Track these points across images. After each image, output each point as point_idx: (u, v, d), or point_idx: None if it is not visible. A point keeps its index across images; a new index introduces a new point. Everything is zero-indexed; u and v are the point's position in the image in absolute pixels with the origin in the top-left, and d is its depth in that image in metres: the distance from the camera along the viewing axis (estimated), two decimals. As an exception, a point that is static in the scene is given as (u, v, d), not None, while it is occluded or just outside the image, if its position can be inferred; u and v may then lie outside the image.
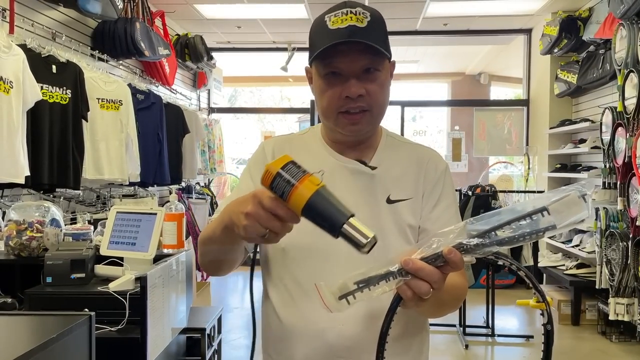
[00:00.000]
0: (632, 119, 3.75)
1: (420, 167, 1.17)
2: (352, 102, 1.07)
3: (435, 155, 1.21)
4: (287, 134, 1.28)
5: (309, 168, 1.15)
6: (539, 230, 0.79)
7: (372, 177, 1.14)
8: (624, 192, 3.86)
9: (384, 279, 0.84)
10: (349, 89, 1.06)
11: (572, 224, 0.79)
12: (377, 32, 1.07)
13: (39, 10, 3.41)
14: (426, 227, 1.13)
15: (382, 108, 1.13)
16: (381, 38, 1.07)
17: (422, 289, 0.83)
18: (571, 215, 0.78)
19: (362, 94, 1.07)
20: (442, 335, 4.41)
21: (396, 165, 1.16)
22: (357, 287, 0.84)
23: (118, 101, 3.74)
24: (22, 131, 2.78)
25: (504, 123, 6.57)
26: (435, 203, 1.15)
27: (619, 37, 3.95)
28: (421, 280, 0.83)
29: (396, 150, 1.19)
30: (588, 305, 4.68)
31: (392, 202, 1.13)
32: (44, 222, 2.26)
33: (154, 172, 4.39)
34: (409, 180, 1.15)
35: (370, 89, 1.07)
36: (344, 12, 1.06)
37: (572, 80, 5.14)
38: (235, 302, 5.70)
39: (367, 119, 1.10)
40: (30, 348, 1.02)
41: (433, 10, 5.61)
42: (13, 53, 2.74)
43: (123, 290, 1.90)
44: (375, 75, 1.08)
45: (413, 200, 1.14)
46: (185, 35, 5.73)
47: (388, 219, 1.12)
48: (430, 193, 1.15)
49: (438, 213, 1.14)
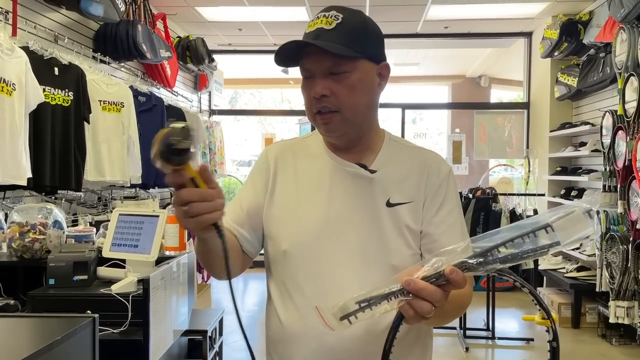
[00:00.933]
0: (633, 122, 3.76)
1: (423, 170, 1.16)
2: (318, 102, 1.09)
3: (439, 159, 1.20)
4: (289, 138, 1.29)
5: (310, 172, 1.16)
6: (543, 247, 0.79)
7: (371, 180, 1.14)
8: (624, 195, 3.87)
9: (386, 299, 0.84)
10: (313, 89, 1.08)
11: (578, 241, 0.78)
12: (343, 34, 1.06)
13: (42, 12, 3.42)
14: (429, 232, 1.13)
15: (355, 110, 1.10)
16: (349, 39, 1.06)
17: (424, 309, 0.83)
18: (576, 232, 0.77)
19: (327, 94, 1.08)
20: (443, 338, 4.41)
21: (397, 169, 1.16)
22: (359, 307, 0.84)
23: (120, 103, 3.74)
24: (24, 133, 2.78)
25: (505, 126, 6.58)
26: (438, 207, 1.14)
27: (620, 41, 3.96)
28: (423, 300, 0.83)
29: (398, 153, 1.19)
30: (588, 308, 4.68)
31: (392, 205, 1.13)
32: (46, 224, 2.27)
33: (156, 174, 4.39)
34: (410, 184, 1.15)
35: (336, 90, 1.08)
36: (319, 16, 1.09)
37: (572, 83, 5.15)
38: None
39: (339, 120, 1.10)
40: (34, 350, 1.03)
41: (434, 13, 5.62)
42: (16, 55, 2.75)
43: (125, 292, 1.91)
44: (343, 77, 1.08)
45: (414, 204, 1.13)
46: (186, 37, 5.74)
47: (388, 222, 1.12)
48: (433, 197, 1.14)
49: (441, 217, 1.14)
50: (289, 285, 1.14)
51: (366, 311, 0.84)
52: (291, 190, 1.17)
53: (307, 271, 1.12)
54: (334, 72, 1.07)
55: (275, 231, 1.16)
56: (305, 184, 1.17)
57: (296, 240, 1.13)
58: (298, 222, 1.14)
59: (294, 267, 1.13)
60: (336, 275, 1.10)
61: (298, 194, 1.16)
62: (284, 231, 1.15)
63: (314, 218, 1.13)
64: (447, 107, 9.33)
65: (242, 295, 6.12)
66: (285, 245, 1.14)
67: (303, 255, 1.12)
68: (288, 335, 1.13)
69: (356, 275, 1.09)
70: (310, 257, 1.12)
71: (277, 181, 1.18)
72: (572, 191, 5.18)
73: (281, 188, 1.18)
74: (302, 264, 1.12)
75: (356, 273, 1.10)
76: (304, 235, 1.13)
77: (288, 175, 1.19)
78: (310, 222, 1.13)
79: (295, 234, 1.14)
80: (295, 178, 1.18)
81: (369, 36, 1.10)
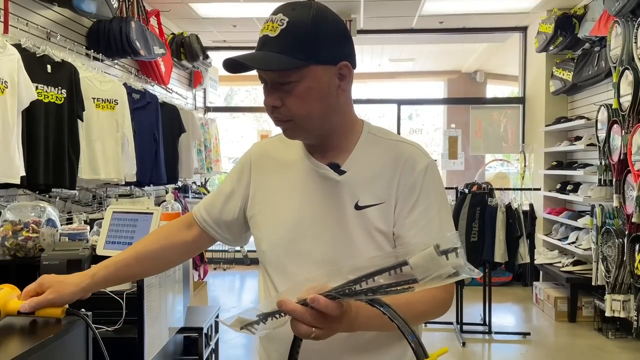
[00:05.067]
0: (628, 116, 3.76)
1: (396, 168, 1.09)
2: (271, 112, 1.07)
3: (415, 153, 1.11)
4: (273, 136, 1.27)
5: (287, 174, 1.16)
6: (399, 284, 0.75)
7: (337, 183, 1.10)
8: (619, 189, 3.87)
9: (280, 314, 0.86)
10: (265, 99, 1.07)
11: (440, 278, 0.72)
12: (287, 41, 1.01)
13: (34, 9, 3.40)
14: (400, 234, 1.07)
15: (309, 118, 1.06)
16: (293, 47, 1.01)
17: (300, 330, 0.83)
18: (432, 270, 0.72)
19: (277, 105, 1.05)
20: (439, 333, 4.42)
21: (369, 168, 1.11)
22: (258, 319, 0.87)
23: (114, 101, 3.72)
24: (17, 131, 2.76)
25: (500, 121, 6.59)
26: (410, 207, 1.07)
27: (614, 35, 3.96)
28: (298, 321, 0.83)
29: (372, 149, 1.13)
30: (584, 302, 4.70)
31: (361, 208, 1.08)
32: (40, 223, 2.25)
33: (150, 171, 4.38)
34: (382, 184, 1.09)
35: (286, 101, 1.05)
36: (267, 20, 1.05)
37: (567, 77, 5.15)
38: (232, 301, 5.69)
39: (294, 128, 1.08)
40: (27, 348, 1.02)
41: (429, 9, 5.61)
42: (8, 53, 2.72)
43: (120, 290, 1.90)
44: (291, 87, 1.03)
45: (385, 205, 1.08)
46: (180, 34, 5.71)
47: (356, 225, 1.08)
48: (406, 197, 1.08)
49: (413, 218, 1.07)
50: (268, 283, 1.17)
51: (262, 323, 0.87)
52: (270, 192, 1.17)
53: (281, 272, 1.13)
54: (282, 82, 1.03)
55: (256, 232, 1.19)
56: (282, 186, 1.16)
57: (272, 241, 1.15)
58: (274, 223, 1.15)
59: (271, 267, 1.15)
60: (307, 275, 1.09)
61: (275, 195, 1.17)
62: (262, 232, 1.17)
63: (288, 219, 1.13)
64: (443, 103, 9.33)
65: (239, 292, 6.11)
66: (264, 246, 1.16)
67: (278, 256, 1.14)
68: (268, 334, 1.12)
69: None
70: (284, 258, 1.13)
71: (258, 182, 1.19)
72: (568, 185, 5.19)
73: (261, 190, 1.19)
74: (277, 265, 1.14)
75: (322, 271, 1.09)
76: (279, 236, 1.14)
77: (267, 177, 1.19)
78: (285, 223, 1.13)
79: (272, 234, 1.15)
80: (273, 180, 1.18)
81: (318, 39, 1.02)
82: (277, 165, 1.19)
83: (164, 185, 5.06)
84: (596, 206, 4.26)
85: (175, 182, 5.25)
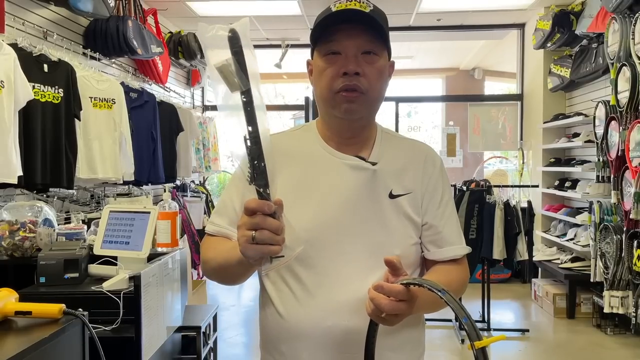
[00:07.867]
0: (625, 113, 3.76)
1: (419, 162, 1.18)
2: (348, 79, 1.08)
3: (432, 151, 1.23)
4: (278, 132, 1.25)
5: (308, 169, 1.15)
6: None
7: (373, 172, 1.14)
8: (617, 186, 3.88)
9: None
10: (347, 65, 1.08)
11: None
12: (379, 20, 1.08)
13: (30, 9, 3.39)
14: (434, 224, 1.16)
15: (378, 94, 1.13)
16: (383, 26, 1.09)
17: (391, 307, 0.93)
18: None
19: (359, 73, 1.08)
20: (438, 330, 4.43)
21: (395, 160, 1.17)
22: None
23: (111, 100, 3.72)
24: (14, 131, 2.76)
25: (499, 118, 6.58)
26: (439, 199, 1.17)
27: (612, 31, 3.96)
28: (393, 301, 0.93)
29: (393, 145, 1.20)
30: (583, 299, 4.71)
31: (395, 196, 1.14)
32: (36, 222, 2.25)
33: (148, 170, 4.37)
34: (409, 175, 1.16)
35: (367, 71, 1.09)
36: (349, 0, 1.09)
37: (565, 74, 5.15)
38: (231, 300, 5.69)
39: (362, 101, 1.10)
40: (24, 348, 1.02)
41: (426, 6, 5.60)
42: (4, 52, 2.72)
43: (117, 290, 1.89)
44: (374, 59, 1.10)
45: (412, 195, 1.15)
46: (178, 32, 5.70)
47: (392, 214, 1.12)
48: (434, 190, 1.17)
49: (442, 210, 1.17)
50: (290, 281, 1.12)
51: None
52: (289, 186, 1.10)
53: (311, 267, 1.09)
54: (368, 51, 1.09)
55: None
56: (304, 180, 1.14)
57: (300, 238, 1.07)
58: (300, 219, 1.07)
59: (296, 263, 1.10)
60: (342, 268, 1.09)
61: (296, 188, 1.12)
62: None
63: (318, 213, 1.11)
64: (441, 100, 9.32)
65: (237, 290, 6.11)
66: (287, 240, 1.12)
67: (307, 252, 1.07)
68: (293, 333, 1.10)
69: (363, 268, 1.09)
70: (315, 253, 1.09)
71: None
72: (566, 182, 5.19)
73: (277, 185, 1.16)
74: (305, 261, 1.09)
75: (363, 265, 1.09)
76: (309, 232, 1.09)
77: (283, 171, 1.13)
78: (315, 218, 1.10)
79: (301, 230, 1.08)
80: (290, 174, 1.13)
81: (388, 33, 1.13)
82: (291, 160, 1.16)
83: (162, 184, 5.06)
84: (594, 203, 4.27)
85: (174, 181, 5.24)
